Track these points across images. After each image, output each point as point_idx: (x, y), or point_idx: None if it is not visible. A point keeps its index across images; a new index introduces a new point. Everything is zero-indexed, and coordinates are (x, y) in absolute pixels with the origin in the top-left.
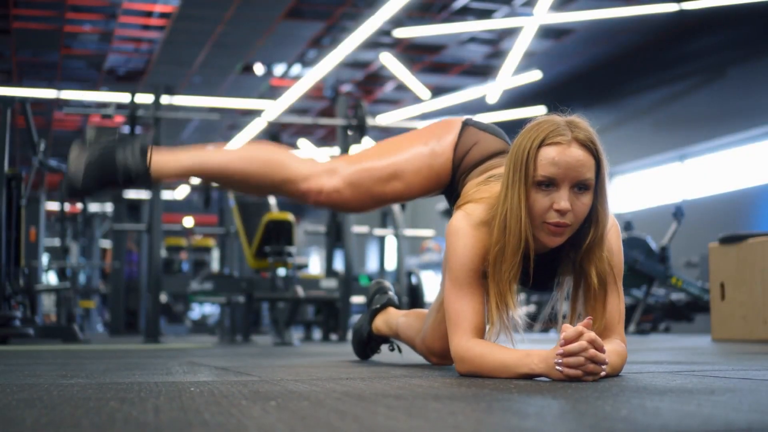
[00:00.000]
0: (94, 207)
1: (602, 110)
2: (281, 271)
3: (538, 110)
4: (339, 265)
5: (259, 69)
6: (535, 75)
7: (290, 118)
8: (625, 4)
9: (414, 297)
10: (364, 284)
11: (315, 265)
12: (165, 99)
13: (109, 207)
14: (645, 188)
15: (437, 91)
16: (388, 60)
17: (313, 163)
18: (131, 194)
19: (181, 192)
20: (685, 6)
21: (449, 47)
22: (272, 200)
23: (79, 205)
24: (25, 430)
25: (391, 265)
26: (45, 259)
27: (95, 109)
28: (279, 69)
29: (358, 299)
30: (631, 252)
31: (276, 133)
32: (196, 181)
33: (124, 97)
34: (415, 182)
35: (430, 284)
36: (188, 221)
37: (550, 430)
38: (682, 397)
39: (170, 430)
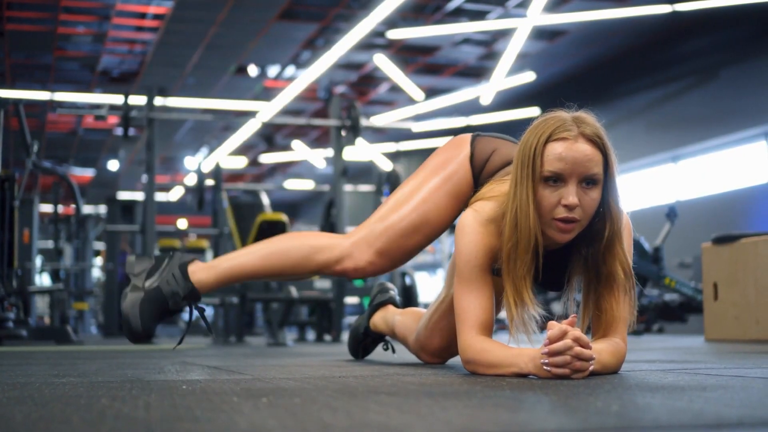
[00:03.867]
0: (87, 209)
1: (595, 111)
2: None
3: (532, 111)
4: None
5: (252, 70)
6: (528, 76)
7: (284, 120)
8: (618, 5)
9: (408, 298)
10: (357, 285)
11: None
12: (158, 100)
13: (102, 209)
14: (638, 189)
15: (431, 93)
16: (382, 61)
17: (341, 241)
18: (125, 196)
19: (175, 193)
20: (678, 8)
21: (443, 48)
22: (265, 200)
23: (72, 207)
24: (16, 426)
25: None
26: (38, 260)
27: (89, 110)
28: (273, 70)
29: (351, 300)
30: None
31: (270, 135)
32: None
33: (117, 99)
34: (440, 217)
35: (424, 285)
36: (182, 223)
37: (541, 424)
38: (673, 393)
39: (161, 426)
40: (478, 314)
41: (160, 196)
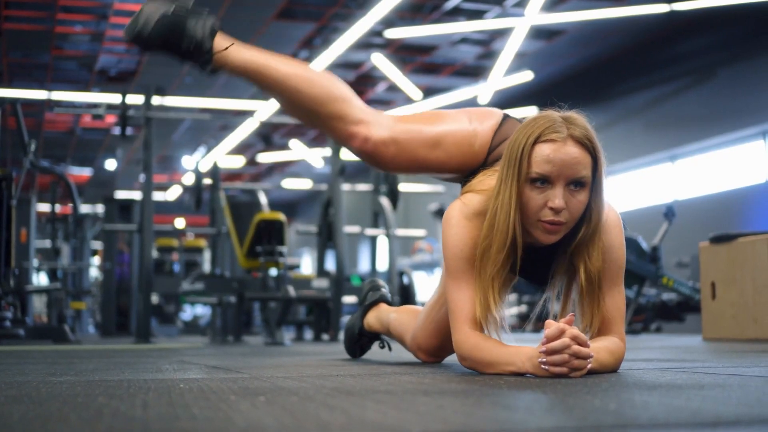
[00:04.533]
0: (85, 208)
1: (593, 111)
2: (272, 271)
3: (530, 111)
4: (331, 265)
5: None
6: (526, 75)
7: (282, 119)
8: (616, 5)
9: (405, 297)
10: (355, 284)
11: (307, 265)
12: (156, 99)
13: (100, 208)
14: (636, 188)
15: (429, 92)
16: (380, 61)
17: (369, 110)
18: (123, 195)
19: (173, 193)
20: (676, 7)
21: (441, 48)
22: (263, 200)
23: (70, 206)
24: (12, 424)
25: (382, 265)
26: (36, 260)
27: (86, 109)
28: None
29: (349, 299)
30: None
31: (267, 134)
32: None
33: (115, 98)
34: (455, 155)
35: (422, 284)
36: (180, 222)
37: (539, 422)
38: (671, 392)
39: (158, 424)
40: (469, 308)
41: (157, 196)
